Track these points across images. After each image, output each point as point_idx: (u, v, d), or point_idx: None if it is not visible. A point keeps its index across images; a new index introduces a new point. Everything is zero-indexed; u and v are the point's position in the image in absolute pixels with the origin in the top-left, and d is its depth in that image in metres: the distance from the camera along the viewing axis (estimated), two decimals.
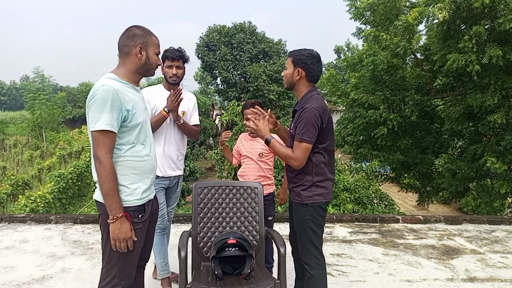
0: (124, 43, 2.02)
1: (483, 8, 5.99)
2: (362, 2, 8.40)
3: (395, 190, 12.99)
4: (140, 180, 2.03)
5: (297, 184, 2.50)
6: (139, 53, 2.01)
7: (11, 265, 3.63)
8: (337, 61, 29.58)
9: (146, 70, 2.07)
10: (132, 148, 2.00)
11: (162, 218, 3.06)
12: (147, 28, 2.08)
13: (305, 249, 2.52)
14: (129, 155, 1.99)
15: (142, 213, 2.03)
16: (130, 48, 2.01)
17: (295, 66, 2.47)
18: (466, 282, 3.51)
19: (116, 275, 1.99)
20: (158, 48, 2.10)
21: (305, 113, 2.34)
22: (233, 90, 26.40)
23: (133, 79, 2.06)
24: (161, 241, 3.09)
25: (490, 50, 6.04)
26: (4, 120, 41.66)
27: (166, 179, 3.06)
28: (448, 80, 8.39)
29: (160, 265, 3.12)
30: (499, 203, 9.50)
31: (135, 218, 2.00)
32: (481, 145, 7.36)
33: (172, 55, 2.96)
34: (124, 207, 1.95)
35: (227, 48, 26.31)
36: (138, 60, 2.02)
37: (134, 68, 2.04)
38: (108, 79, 1.95)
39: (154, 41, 2.07)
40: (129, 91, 2.00)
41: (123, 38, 2.04)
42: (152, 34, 2.08)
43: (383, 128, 8.02)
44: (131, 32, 2.03)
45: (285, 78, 2.54)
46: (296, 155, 2.37)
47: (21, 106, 49.24)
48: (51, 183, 13.19)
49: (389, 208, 8.73)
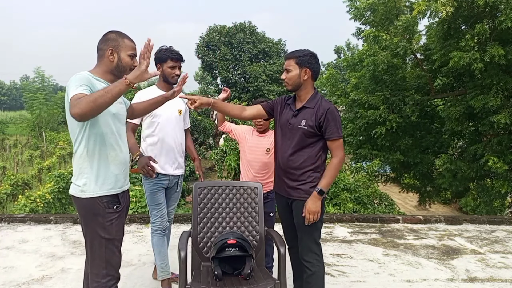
0: (99, 46, 2.14)
1: (485, 6, 5.99)
2: (362, 3, 8.40)
3: (395, 190, 12.98)
4: (113, 170, 2.11)
5: (304, 182, 2.51)
6: (111, 55, 2.11)
7: (11, 265, 3.62)
8: (337, 61, 29.58)
9: (119, 71, 2.14)
10: (105, 137, 2.07)
11: (162, 219, 3.05)
12: (122, 32, 2.17)
13: (307, 247, 2.52)
14: (102, 145, 2.06)
15: (117, 204, 2.11)
16: (104, 51, 2.12)
17: (301, 67, 2.49)
18: (466, 282, 3.51)
19: (102, 265, 2.07)
20: (132, 50, 2.16)
21: (332, 113, 2.45)
22: (233, 90, 26.42)
23: (108, 79, 2.13)
24: (161, 242, 3.08)
25: (492, 49, 6.03)
26: (4, 120, 41.61)
27: (165, 177, 3.04)
28: (448, 80, 8.39)
29: (160, 266, 3.09)
30: (499, 203, 9.48)
31: (111, 209, 2.07)
32: (481, 145, 7.36)
33: (176, 56, 2.98)
34: (98, 196, 2.04)
35: (227, 48, 26.35)
36: (110, 62, 2.12)
37: (108, 69, 2.13)
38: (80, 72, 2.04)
39: (127, 44, 2.14)
40: (101, 83, 2.07)
41: (100, 41, 2.15)
42: (126, 37, 2.16)
43: (381, 127, 8.03)
44: (105, 37, 2.14)
45: (290, 81, 2.53)
46: (340, 153, 2.48)
47: (21, 106, 49.24)
48: (51, 183, 13.17)
49: (389, 208, 8.72)
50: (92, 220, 2.05)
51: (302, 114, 2.52)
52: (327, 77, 10.21)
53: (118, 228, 2.12)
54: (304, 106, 2.53)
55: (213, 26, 27.15)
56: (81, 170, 2.06)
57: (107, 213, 2.06)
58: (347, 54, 19.90)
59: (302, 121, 2.50)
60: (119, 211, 2.12)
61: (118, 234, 2.13)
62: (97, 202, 2.04)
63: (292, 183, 2.55)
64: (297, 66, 2.50)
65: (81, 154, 2.05)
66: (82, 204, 2.05)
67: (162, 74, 3.02)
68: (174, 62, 2.98)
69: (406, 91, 8.35)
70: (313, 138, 2.49)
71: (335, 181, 9.38)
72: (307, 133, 2.48)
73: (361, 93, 8.51)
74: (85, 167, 2.05)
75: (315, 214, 2.43)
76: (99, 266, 2.07)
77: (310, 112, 2.49)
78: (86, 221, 2.06)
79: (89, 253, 2.11)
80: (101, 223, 2.05)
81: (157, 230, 3.05)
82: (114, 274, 2.11)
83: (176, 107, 3.10)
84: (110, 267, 2.09)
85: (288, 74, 2.53)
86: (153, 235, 3.07)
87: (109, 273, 2.08)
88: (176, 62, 2.99)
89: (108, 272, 2.08)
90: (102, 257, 2.07)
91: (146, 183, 3.02)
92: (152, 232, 3.07)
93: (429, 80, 8.15)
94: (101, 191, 2.06)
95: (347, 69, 10.39)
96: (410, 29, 7.35)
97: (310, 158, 2.51)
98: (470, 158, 7.77)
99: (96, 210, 2.04)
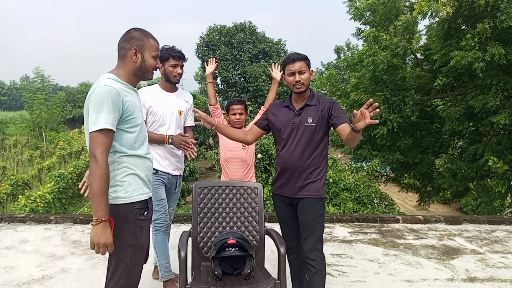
0: (121, 45, 2.03)
1: (486, 6, 5.98)
2: (362, 3, 8.41)
3: (395, 190, 12.99)
4: (143, 176, 2.07)
5: (314, 180, 2.55)
6: (134, 55, 2.01)
7: (11, 265, 3.62)
8: (337, 61, 29.59)
9: (142, 73, 2.06)
10: (133, 148, 2.02)
11: (165, 215, 3.04)
12: (147, 31, 2.07)
13: (313, 245, 2.51)
14: (130, 155, 2.01)
15: (146, 210, 2.06)
16: (126, 50, 2.01)
17: (309, 68, 2.60)
18: (466, 282, 3.51)
19: (124, 274, 1.99)
20: (157, 51, 2.08)
21: (337, 104, 2.57)
22: (233, 90, 26.43)
23: (131, 81, 2.06)
24: (164, 240, 3.06)
25: (492, 49, 6.03)
26: (4, 120, 41.63)
27: (165, 174, 3.04)
28: (448, 80, 8.39)
29: (164, 266, 3.07)
30: (499, 203, 9.50)
31: (141, 216, 2.02)
32: (481, 145, 7.36)
33: (177, 54, 2.96)
34: (131, 203, 1.97)
35: (227, 48, 26.34)
36: (133, 62, 2.02)
37: (131, 70, 2.03)
38: (108, 80, 1.95)
39: (152, 44, 2.05)
40: (129, 92, 2.01)
41: (121, 40, 2.05)
42: (150, 37, 2.06)
43: (382, 128, 8.03)
44: (129, 35, 2.03)
45: (306, 82, 2.57)
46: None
47: (21, 106, 49.21)
48: (51, 183, 13.18)
49: (389, 208, 8.74)
50: (123, 227, 1.97)
51: (306, 112, 2.56)
52: (327, 77, 10.21)
53: (146, 236, 2.06)
54: (306, 104, 2.58)
55: (213, 26, 27.16)
56: (112, 176, 1.97)
57: (138, 220, 2.00)
58: (347, 54, 19.90)
59: (308, 118, 2.54)
60: (148, 218, 2.08)
61: (146, 242, 2.08)
62: (130, 209, 1.98)
63: (302, 182, 2.55)
64: (307, 67, 2.58)
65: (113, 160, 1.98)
66: (113, 210, 1.94)
67: (164, 73, 3.01)
68: (176, 60, 2.96)
69: (406, 91, 8.35)
70: (319, 134, 2.54)
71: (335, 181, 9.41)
72: (315, 130, 2.53)
73: (361, 93, 8.50)
74: (114, 173, 1.97)
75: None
76: (121, 274, 1.99)
77: (314, 109, 2.55)
78: (116, 228, 1.96)
79: (113, 260, 2.01)
80: (132, 231, 1.98)
81: (161, 227, 3.03)
82: (131, 284, 2.03)
83: (177, 108, 3.09)
84: (131, 276, 2.02)
85: (303, 75, 2.56)
86: (156, 233, 3.04)
87: (129, 282, 2.00)
88: (178, 60, 2.97)
89: (128, 281, 2.00)
90: (126, 265, 1.99)
91: None
92: (155, 230, 3.04)
93: (429, 80, 8.15)
94: (133, 197, 1.99)
95: (347, 69, 10.39)
96: (410, 29, 7.35)
97: (318, 156, 2.56)
98: (470, 158, 7.77)
99: (127, 217, 1.97)
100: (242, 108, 3.38)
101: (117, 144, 1.96)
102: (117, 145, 1.97)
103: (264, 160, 10.32)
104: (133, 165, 2.03)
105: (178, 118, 3.11)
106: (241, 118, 3.34)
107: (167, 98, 3.07)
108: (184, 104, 3.17)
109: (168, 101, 3.06)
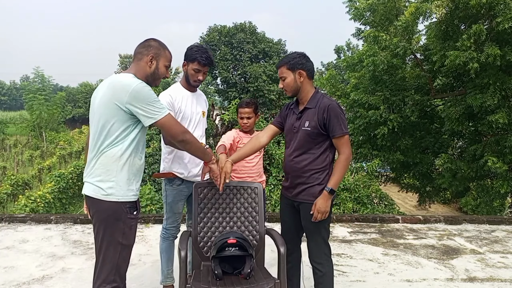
0: (139, 51, 2.19)
1: (480, 7, 6.00)
2: (362, 3, 8.42)
3: (395, 190, 12.99)
4: (137, 177, 2.17)
5: (312, 184, 2.48)
6: (150, 61, 2.16)
7: (11, 265, 3.63)
8: (337, 61, 29.56)
9: (154, 79, 2.20)
10: (139, 145, 2.14)
11: (176, 228, 3.01)
12: (163, 43, 2.26)
13: (318, 248, 2.50)
14: (136, 151, 2.12)
15: (136, 210, 2.15)
16: (143, 55, 2.17)
17: (294, 71, 2.48)
18: (466, 282, 3.51)
19: (112, 272, 2.06)
20: (169, 62, 2.26)
21: (333, 109, 2.41)
22: (233, 90, 26.42)
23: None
24: (170, 247, 3.04)
25: (488, 49, 6.03)
26: (4, 120, 41.59)
27: (190, 184, 2.87)
28: (448, 80, 8.41)
29: (167, 272, 3.05)
30: (499, 203, 9.50)
31: (131, 215, 2.10)
32: (481, 145, 7.37)
33: (204, 61, 2.79)
34: (123, 201, 2.06)
35: (227, 48, 26.34)
36: (148, 67, 2.17)
37: (144, 74, 2.17)
38: (135, 78, 2.07)
39: (167, 55, 2.23)
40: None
41: (140, 46, 2.20)
42: (167, 49, 2.25)
43: (383, 128, 8.03)
44: (148, 43, 2.20)
45: (288, 87, 2.52)
46: (346, 150, 2.44)
47: (21, 106, 49.22)
48: (51, 183, 13.17)
49: (389, 208, 8.72)
50: (113, 224, 2.05)
51: (305, 115, 2.50)
52: (327, 77, 10.23)
53: (134, 235, 2.16)
54: (306, 108, 2.51)
55: (213, 26, 27.17)
56: (109, 172, 2.04)
57: (128, 218, 2.08)
58: (347, 54, 19.87)
59: (305, 122, 2.48)
60: (136, 218, 2.16)
61: (133, 241, 2.16)
62: (122, 207, 2.05)
63: (300, 186, 2.52)
64: (289, 71, 2.49)
65: (113, 156, 2.03)
66: (105, 207, 2.03)
67: (186, 72, 2.87)
68: (201, 66, 2.79)
69: (406, 91, 8.37)
70: (319, 139, 2.46)
71: None
72: (311, 134, 2.45)
73: (361, 93, 8.51)
74: (114, 170, 2.04)
75: (324, 213, 2.41)
76: (109, 272, 2.06)
77: (312, 113, 2.47)
78: (106, 225, 2.05)
79: (101, 257, 2.08)
80: (121, 229, 2.06)
81: (170, 237, 3.01)
82: (120, 283, 2.10)
83: (200, 108, 2.99)
84: (118, 274, 2.09)
85: (284, 81, 2.52)
86: (164, 240, 3.02)
87: (116, 279, 2.08)
88: (203, 67, 2.81)
89: (115, 278, 2.07)
90: (114, 263, 2.07)
91: (171, 189, 2.89)
92: (164, 237, 3.01)
93: (429, 80, 8.17)
94: (127, 196, 2.08)
95: (347, 70, 10.39)
96: (410, 29, 7.36)
97: (317, 159, 2.48)
98: (470, 158, 7.78)
99: (118, 215, 2.05)
100: (250, 112, 3.19)
101: (134, 138, 2.08)
102: (134, 138, 2.08)
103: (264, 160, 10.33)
104: (133, 166, 2.12)
105: (202, 119, 3.01)
106: (248, 122, 3.17)
107: (190, 97, 2.95)
108: (204, 105, 3.07)
109: (192, 101, 2.95)
